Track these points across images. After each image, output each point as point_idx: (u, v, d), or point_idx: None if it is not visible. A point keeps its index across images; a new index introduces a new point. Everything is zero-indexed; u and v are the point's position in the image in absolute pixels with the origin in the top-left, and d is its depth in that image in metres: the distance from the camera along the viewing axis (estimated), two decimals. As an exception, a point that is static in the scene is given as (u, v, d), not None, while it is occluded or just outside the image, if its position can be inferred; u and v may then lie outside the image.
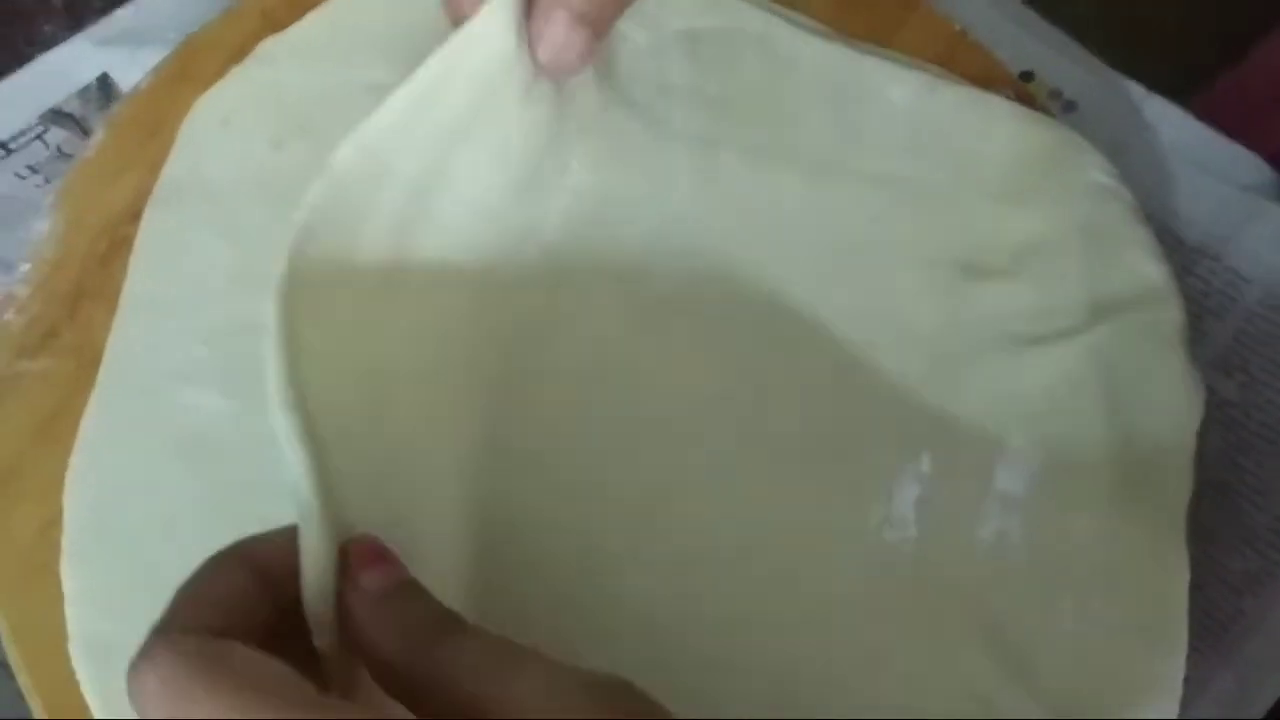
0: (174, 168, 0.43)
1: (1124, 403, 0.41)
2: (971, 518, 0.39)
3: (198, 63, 0.44)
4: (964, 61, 0.47)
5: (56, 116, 0.51)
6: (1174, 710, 0.38)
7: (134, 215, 0.42)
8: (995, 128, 0.44)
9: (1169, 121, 0.52)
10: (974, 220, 0.43)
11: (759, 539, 0.38)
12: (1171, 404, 0.41)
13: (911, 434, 0.40)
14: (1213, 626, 0.46)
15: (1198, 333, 0.51)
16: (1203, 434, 0.42)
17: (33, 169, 0.50)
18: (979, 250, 0.43)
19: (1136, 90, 0.53)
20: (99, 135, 0.44)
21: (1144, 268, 0.43)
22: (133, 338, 0.41)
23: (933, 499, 0.39)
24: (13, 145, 0.50)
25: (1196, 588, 0.45)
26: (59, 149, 0.50)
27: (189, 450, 0.39)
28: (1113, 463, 0.40)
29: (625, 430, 0.39)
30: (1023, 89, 0.48)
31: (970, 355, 0.41)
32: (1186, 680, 0.38)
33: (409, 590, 0.28)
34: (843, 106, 0.44)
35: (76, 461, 0.39)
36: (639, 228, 0.41)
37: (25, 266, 0.42)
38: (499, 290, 0.39)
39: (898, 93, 0.45)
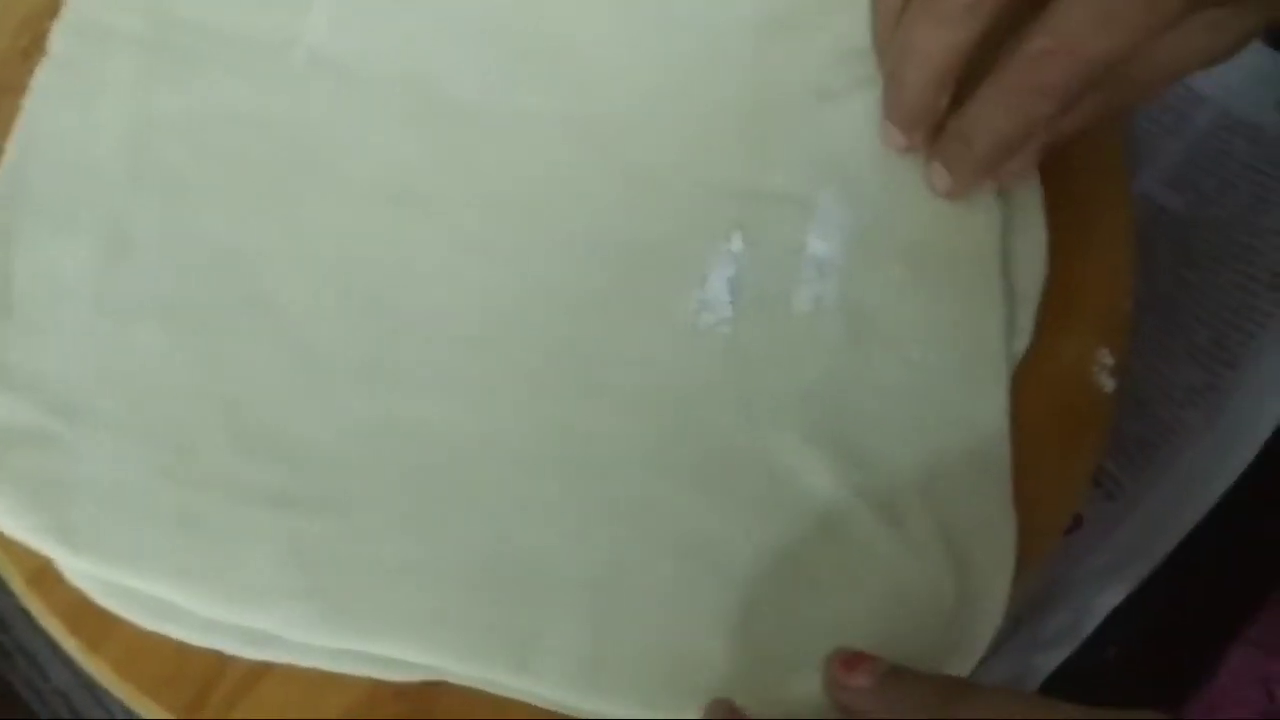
0: None
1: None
2: (787, 289, 0.38)
3: None
4: None
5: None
6: (1003, 445, 0.37)
7: (56, 9, 0.41)
8: None
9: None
10: None
11: (567, 343, 0.37)
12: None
13: (720, 215, 0.39)
14: (1145, 445, 0.47)
15: (1150, 150, 0.51)
16: (1150, 247, 0.40)
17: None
18: (780, 7, 0.41)
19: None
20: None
21: None
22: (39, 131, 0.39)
23: (746, 276, 0.38)
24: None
25: (1140, 403, 0.46)
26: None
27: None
28: (921, 205, 0.39)
29: (408, 245, 0.39)
30: None
31: (774, 121, 0.40)
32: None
33: (899, 671, 0.31)
34: None
35: None
36: (415, 36, 0.41)
37: (-62, 64, 0.40)
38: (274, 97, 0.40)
39: None
